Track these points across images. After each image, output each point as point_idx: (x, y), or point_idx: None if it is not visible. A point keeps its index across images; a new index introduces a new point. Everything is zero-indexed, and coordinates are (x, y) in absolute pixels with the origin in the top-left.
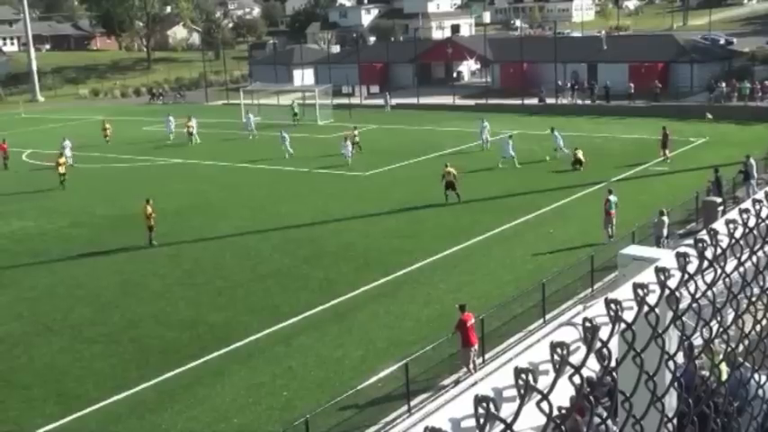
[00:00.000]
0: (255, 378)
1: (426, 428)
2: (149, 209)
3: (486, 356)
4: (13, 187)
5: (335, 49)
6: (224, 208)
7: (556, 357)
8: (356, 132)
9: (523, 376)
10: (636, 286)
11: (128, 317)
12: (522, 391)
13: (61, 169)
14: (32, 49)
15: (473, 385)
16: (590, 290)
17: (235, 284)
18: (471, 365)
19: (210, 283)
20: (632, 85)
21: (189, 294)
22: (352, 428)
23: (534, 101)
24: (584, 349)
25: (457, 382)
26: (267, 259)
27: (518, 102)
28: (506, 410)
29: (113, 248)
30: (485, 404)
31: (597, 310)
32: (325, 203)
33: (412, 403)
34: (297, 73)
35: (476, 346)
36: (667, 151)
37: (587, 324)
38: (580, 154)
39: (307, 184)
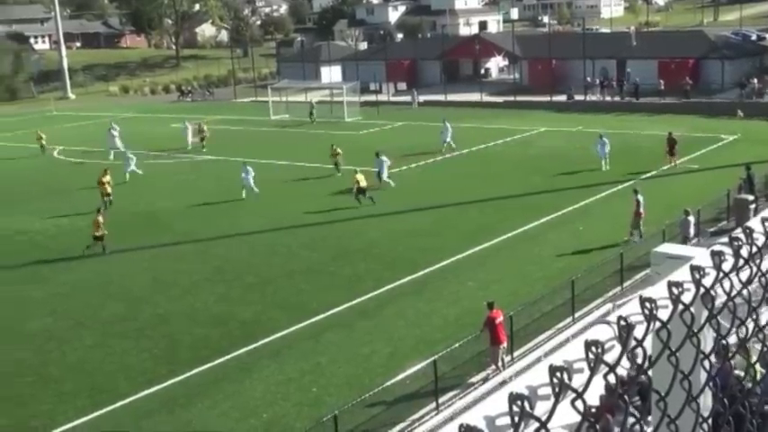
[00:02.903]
0: (284, 374)
1: (461, 426)
2: (100, 218)
3: (515, 354)
4: (45, 184)
5: (363, 46)
6: (251, 205)
7: (590, 356)
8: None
9: (558, 374)
10: (671, 284)
11: (158, 312)
12: (557, 390)
13: (107, 188)
14: (63, 47)
15: (503, 383)
16: (619, 288)
17: (264, 281)
18: (500, 363)
19: (239, 280)
20: (662, 81)
21: (218, 291)
22: (380, 425)
23: (562, 98)
24: (618, 348)
25: (485, 380)
26: (295, 256)
27: (546, 99)
28: (541, 409)
29: (143, 245)
30: (520, 402)
31: (631, 308)
32: (352, 200)
33: (440, 401)
34: (324, 70)
35: (504, 344)
36: (675, 158)
37: (622, 322)
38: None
39: (333, 182)
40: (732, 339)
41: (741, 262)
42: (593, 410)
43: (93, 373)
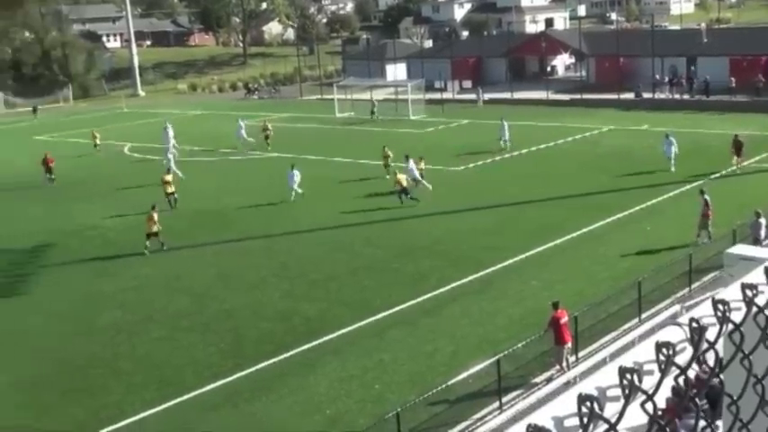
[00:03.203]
0: (347, 370)
1: (529, 427)
2: (155, 215)
3: (580, 354)
4: (115, 180)
5: (428, 43)
6: (315, 202)
7: (661, 357)
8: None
9: (628, 376)
10: (744, 286)
11: (224, 307)
12: (627, 391)
13: (169, 188)
14: (134, 46)
15: (567, 384)
16: (687, 289)
17: (327, 277)
18: (564, 363)
19: (304, 276)
20: (733, 79)
21: (283, 286)
22: (442, 424)
23: (630, 96)
24: (689, 350)
25: (549, 380)
26: (359, 253)
27: (614, 96)
28: (610, 410)
29: (209, 241)
30: (589, 403)
31: (703, 310)
32: (416, 197)
33: (503, 400)
34: (389, 68)
35: (569, 344)
36: (740, 159)
37: (694, 324)
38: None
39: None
40: None
41: None
42: (660, 413)
43: (160, 366)
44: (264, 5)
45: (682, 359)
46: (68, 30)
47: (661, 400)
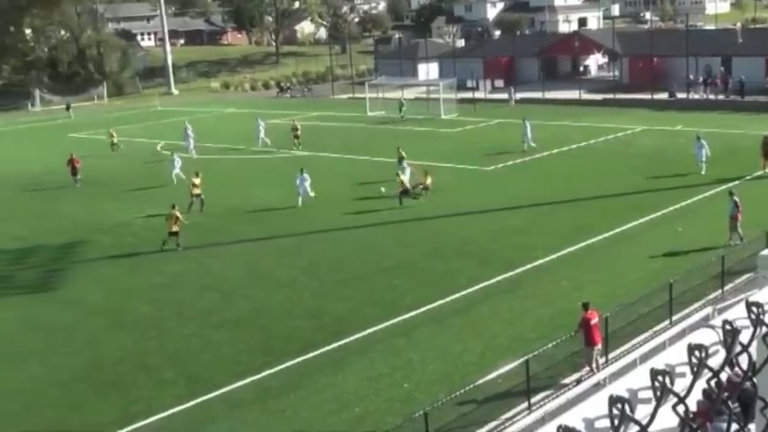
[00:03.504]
0: (376, 369)
1: (560, 428)
2: (177, 213)
3: (610, 356)
4: (147, 178)
5: (460, 43)
6: (345, 200)
7: (693, 360)
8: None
9: (660, 378)
10: None
11: (254, 305)
12: (659, 394)
13: (196, 190)
14: (168, 44)
15: (597, 385)
16: (720, 291)
17: (357, 276)
18: (594, 365)
19: (334, 275)
20: None
21: (313, 285)
22: (470, 423)
23: (664, 96)
24: (722, 352)
25: (579, 381)
26: (388, 252)
27: (647, 96)
28: (641, 412)
29: (240, 239)
30: (620, 405)
31: (736, 312)
32: (446, 197)
33: (532, 401)
34: (421, 67)
35: (599, 346)
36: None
37: (727, 327)
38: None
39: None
40: None
41: None
42: (692, 416)
43: (190, 363)
44: (297, 5)
45: (714, 362)
46: (103, 28)
47: (692, 402)
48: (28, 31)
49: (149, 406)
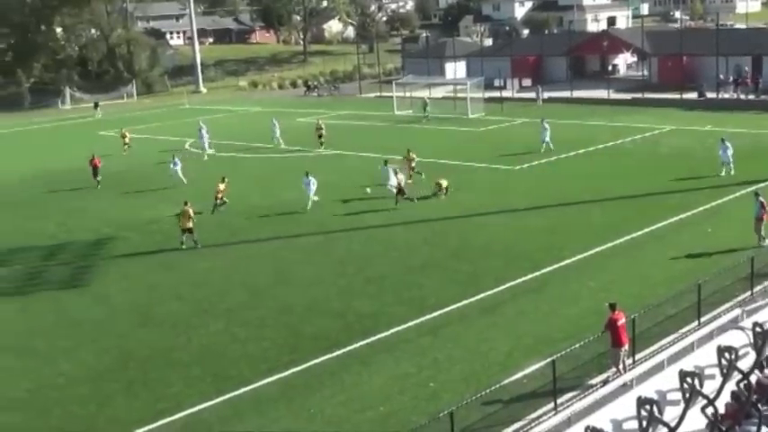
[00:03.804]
0: (401, 368)
1: (587, 428)
2: (190, 210)
3: (637, 357)
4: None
5: (488, 42)
6: (374, 198)
7: (723, 362)
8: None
9: (689, 380)
10: None
11: (281, 303)
12: (688, 396)
13: (219, 195)
14: (197, 43)
15: (624, 386)
16: (749, 293)
17: (384, 275)
18: (621, 366)
19: (360, 274)
20: None
21: (339, 283)
22: (496, 423)
23: (693, 95)
24: (752, 354)
25: (605, 382)
26: (415, 251)
27: (676, 96)
28: (669, 414)
29: (268, 237)
30: (648, 407)
31: (766, 314)
32: (473, 197)
33: (558, 401)
34: (449, 66)
35: (626, 347)
36: None
37: (757, 329)
38: None
39: (454, 177)
40: None
41: None
42: (721, 418)
43: (217, 360)
44: (325, 3)
45: (744, 364)
46: (133, 27)
47: (721, 404)
48: (59, 30)
49: (177, 402)
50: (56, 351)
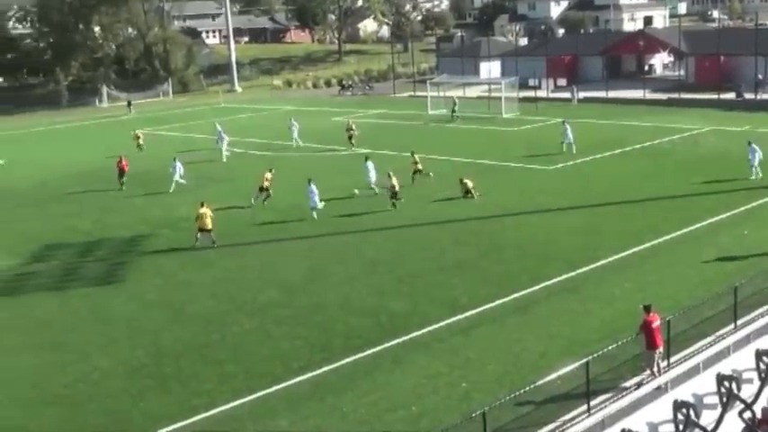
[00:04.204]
0: (434, 368)
1: (623, 431)
2: (208, 211)
3: (672, 360)
4: (210, 173)
5: (523, 41)
6: (407, 198)
7: (762, 366)
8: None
9: (726, 383)
10: None
11: (313, 301)
12: (725, 399)
13: (266, 184)
14: (232, 42)
15: (658, 389)
16: None
17: (416, 274)
18: (655, 368)
19: (392, 273)
20: None
21: (372, 282)
22: (529, 424)
23: (731, 96)
24: None
25: (639, 385)
26: (447, 251)
27: (713, 96)
28: (706, 418)
29: (302, 235)
30: (685, 410)
31: None
32: (507, 196)
33: (591, 403)
34: (483, 66)
35: (661, 349)
36: None
37: None
38: None
39: (488, 177)
40: None
41: None
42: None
43: (250, 357)
44: (360, 3)
45: None
46: (170, 26)
47: (759, 409)
48: (97, 29)
49: (211, 399)
50: (91, 346)
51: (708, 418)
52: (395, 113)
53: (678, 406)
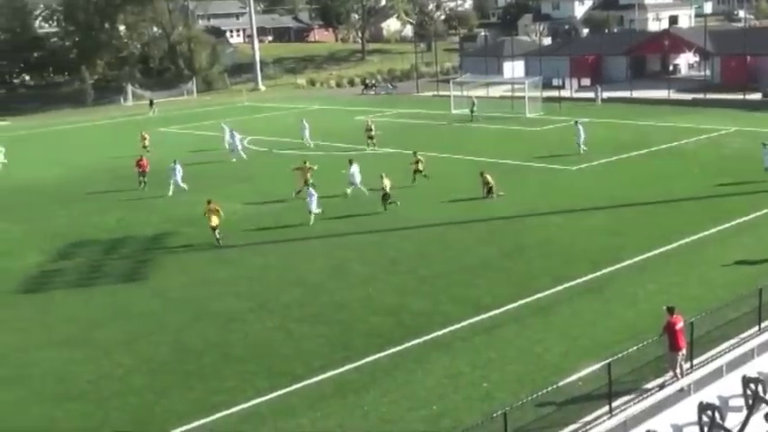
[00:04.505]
0: (455, 367)
1: None
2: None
3: (695, 362)
4: (234, 171)
5: (547, 41)
6: (430, 197)
7: None
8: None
9: (752, 386)
10: None
11: (335, 300)
12: (751, 402)
13: (309, 176)
14: (256, 41)
15: (681, 391)
16: None
17: (438, 274)
18: (678, 370)
19: (414, 272)
20: None
21: (393, 281)
22: (550, 425)
23: (757, 96)
24: None
25: (662, 387)
26: (469, 250)
27: (739, 97)
28: (731, 421)
29: (321, 234)
30: (710, 412)
31: None
32: (530, 196)
33: (613, 405)
34: (507, 65)
35: (683, 351)
36: None
37: None
38: None
39: (512, 177)
40: None
41: None
42: None
43: (271, 355)
44: (384, 2)
45: None
46: (194, 25)
47: None
48: (122, 28)
49: (232, 396)
50: (115, 343)
51: (733, 421)
52: (418, 113)
53: (703, 408)
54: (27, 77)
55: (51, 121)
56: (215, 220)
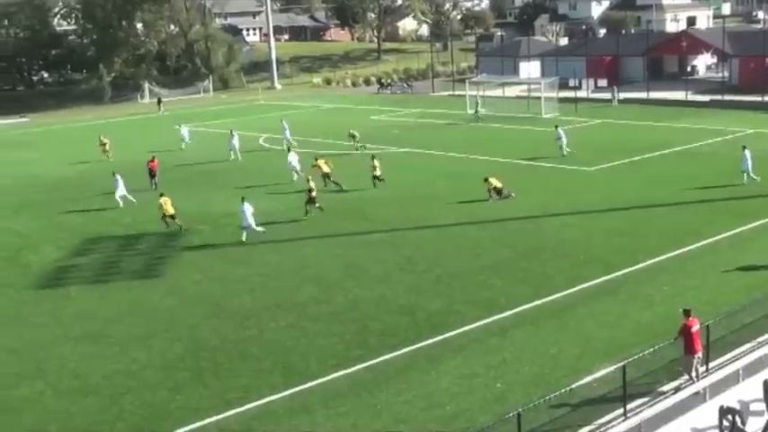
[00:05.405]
0: (469, 368)
1: None
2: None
3: (710, 365)
4: (249, 170)
5: (563, 41)
6: (446, 197)
7: None
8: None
9: None
10: None
11: (350, 298)
12: None
13: (325, 168)
14: (272, 40)
15: (696, 394)
16: None
17: (453, 274)
18: (694, 373)
19: (430, 271)
20: None
21: (409, 280)
22: (564, 427)
23: None
24: None
25: (677, 390)
26: (486, 251)
27: (758, 99)
28: (753, 425)
29: (340, 232)
30: (730, 416)
31: None
32: (546, 197)
33: (628, 407)
34: (523, 65)
35: (699, 354)
36: None
37: None
38: None
39: (528, 177)
40: None
41: None
42: None
43: (286, 353)
44: (400, 2)
45: None
46: (211, 23)
47: None
48: (139, 26)
49: (247, 393)
50: (130, 339)
51: (754, 426)
52: (433, 112)
53: (724, 412)
54: (45, 75)
55: (70, 117)
56: (169, 210)
